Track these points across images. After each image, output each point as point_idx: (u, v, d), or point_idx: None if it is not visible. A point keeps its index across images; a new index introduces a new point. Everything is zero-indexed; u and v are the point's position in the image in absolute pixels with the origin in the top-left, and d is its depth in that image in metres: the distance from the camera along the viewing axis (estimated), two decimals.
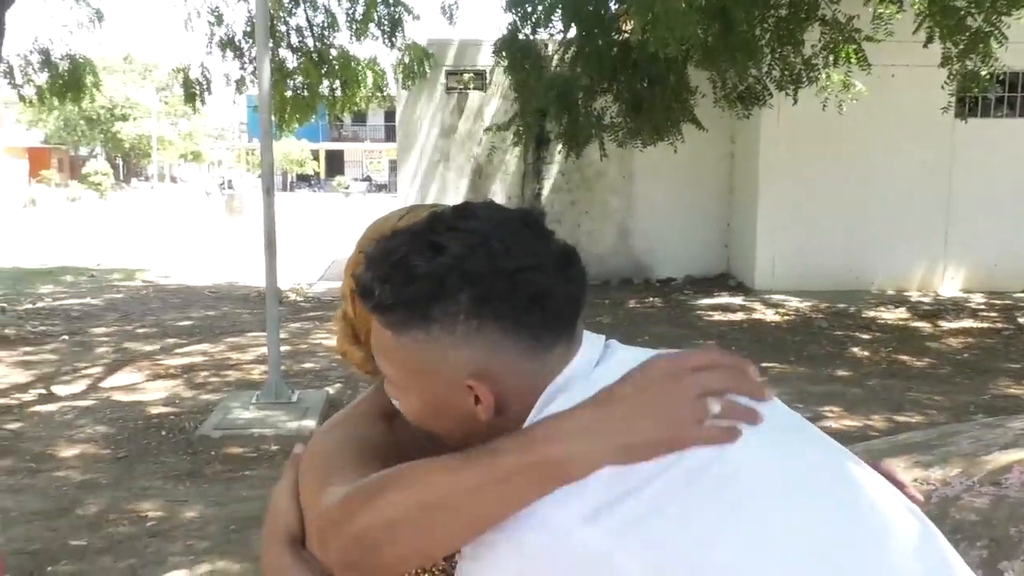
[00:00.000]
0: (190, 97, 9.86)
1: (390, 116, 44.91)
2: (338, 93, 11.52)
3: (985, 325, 9.62)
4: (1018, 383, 7.10)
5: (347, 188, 46.59)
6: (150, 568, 3.95)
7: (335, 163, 54.76)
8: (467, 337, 0.90)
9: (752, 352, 8.19)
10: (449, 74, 12.45)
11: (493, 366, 0.91)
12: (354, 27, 10.71)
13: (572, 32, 7.58)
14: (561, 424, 0.85)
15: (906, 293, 11.48)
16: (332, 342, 5.45)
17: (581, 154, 8.61)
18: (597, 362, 0.94)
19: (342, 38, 19.42)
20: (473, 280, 0.89)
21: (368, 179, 51.58)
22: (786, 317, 10.03)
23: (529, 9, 7.61)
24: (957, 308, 10.46)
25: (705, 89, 8.92)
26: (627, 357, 0.94)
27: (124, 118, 52.86)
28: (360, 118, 44.21)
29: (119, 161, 58.67)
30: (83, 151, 56.00)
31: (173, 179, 66.24)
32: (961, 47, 7.07)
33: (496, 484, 0.84)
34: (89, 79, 10.24)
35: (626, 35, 7.86)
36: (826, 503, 0.85)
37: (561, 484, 0.82)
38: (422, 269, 0.90)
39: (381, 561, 0.91)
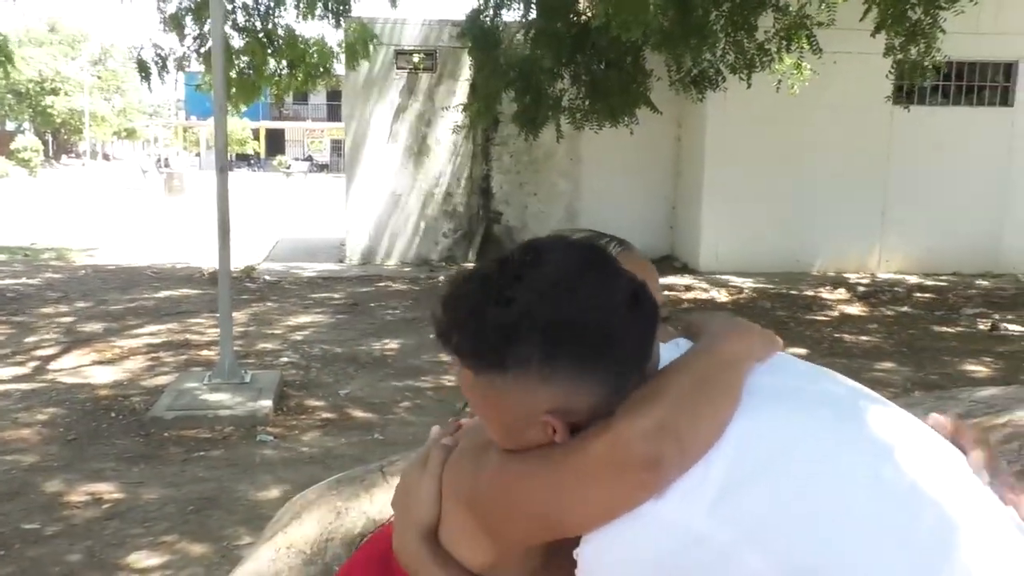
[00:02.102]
0: (146, 77, 9.65)
1: (332, 95, 44.23)
2: (284, 73, 11.35)
3: (920, 305, 9.94)
4: (952, 360, 7.37)
5: (288, 168, 45.88)
6: (109, 550, 3.91)
7: (276, 142, 53.86)
8: (541, 380, 0.93)
9: None
10: (399, 54, 12.36)
11: (568, 403, 0.94)
12: (301, 6, 10.53)
13: (533, 14, 7.62)
14: None
15: (845, 275, 11.79)
16: (287, 321, 5.49)
17: (538, 135, 8.67)
18: None
19: (289, 17, 19.11)
20: (542, 329, 0.91)
21: (309, 159, 50.84)
22: (731, 298, 10.24)
23: None
24: (893, 289, 10.79)
25: (660, 72, 9.04)
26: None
27: (55, 92, 51.26)
28: (301, 97, 43.55)
29: (48, 137, 56.91)
30: (10, 126, 54.15)
31: (106, 156, 64.53)
32: (903, 38, 7.30)
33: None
34: None
35: (585, 18, 7.93)
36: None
37: None
38: (493, 320, 0.93)
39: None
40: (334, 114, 50.97)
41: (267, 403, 5.75)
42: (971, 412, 2.48)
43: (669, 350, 1.01)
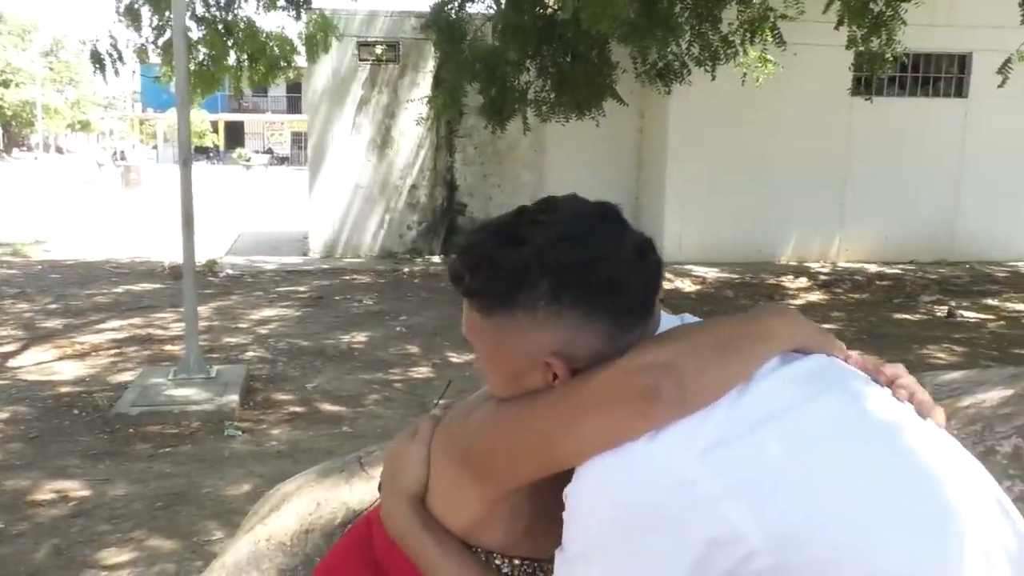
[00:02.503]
0: (100, 69, 9.48)
1: (292, 88, 43.73)
2: (244, 65, 11.22)
3: (880, 293, 10.12)
4: (912, 346, 7.52)
5: (248, 161, 45.35)
6: (76, 548, 3.86)
7: (235, 135, 53.19)
8: (548, 320, 0.98)
9: None
10: (361, 45, 12.28)
11: (571, 346, 0.98)
12: None
13: (500, 7, 7.60)
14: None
15: (807, 264, 11.96)
16: (252, 315, 5.46)
17: (505, 128, 8.66)
18: None
19: (249, 8, 18.93)
20: (552, 270, 0.97)
21: (270, 151, 50.30)
22: (695, 288, 10.34)
23: None
24: (853, 277, 10.96)
25: (626, 65, 9.08)
26: None
27: (5, 84, 50.18)
28: (261, 89, 42.95)
29: None
30: None
31: (59, 150, 63.31)
32: (866, 30, 7.43)
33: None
34: None
35: (551, 10, 7.94)
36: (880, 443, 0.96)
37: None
38: (507, 261, 0.98)
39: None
40: (294, 106, 50.43)
41: (234, 397, 5.71)
42: (935, 395, 2.55)
43: (673, 321, 1.04)
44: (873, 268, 11.70)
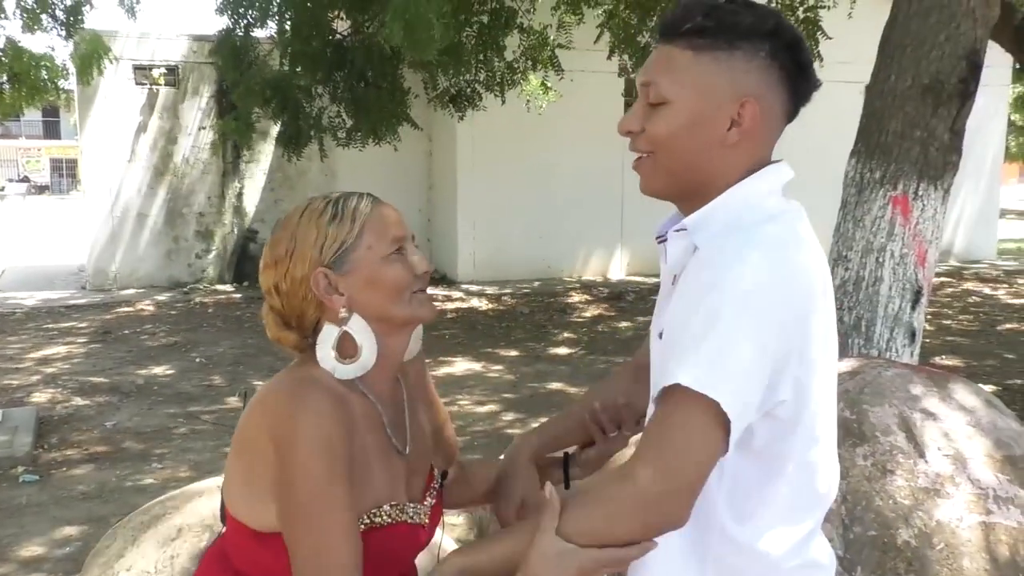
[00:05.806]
0: None
1: (49, 112, 40.70)
2: (5, 88, 10.47)
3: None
4: None
5: (2, 190, 41.64)
6: None
7: None
8: (761, 69, 1.19)
9: (467, 339, 8.70)
10: (137, 69, 11.74)
11: (766, 99, 1.20)
12: (25, 16, 9.77)
13: (285, 33, 7.49)
14: None
15: (590, 279, 12.66)
16: (32, 354, 5.30)
17: (301, 156, 8.57)
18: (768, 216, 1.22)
19: (12, 28, 17.55)
20: (782, 34, 1.20)
21: (26, 179, 46.37)
22: (491, 306, 10.70)
23: (243, 10, 7.45)
24: (637, 289, 11.75)
25: (417, 90, 9.27)
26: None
27: None
28: (13, 113, 39.56)
29: None
30: None
31: None
32: (635, 59, 8.07)
33: None
34: None
35: (340, 36, 7.96)
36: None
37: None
38: (747, 12, 1.20)
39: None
40: (52, 131, 46.93)
41: (26, 440, 5.37)
42: None
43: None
44: (653, 280, 12.56)
